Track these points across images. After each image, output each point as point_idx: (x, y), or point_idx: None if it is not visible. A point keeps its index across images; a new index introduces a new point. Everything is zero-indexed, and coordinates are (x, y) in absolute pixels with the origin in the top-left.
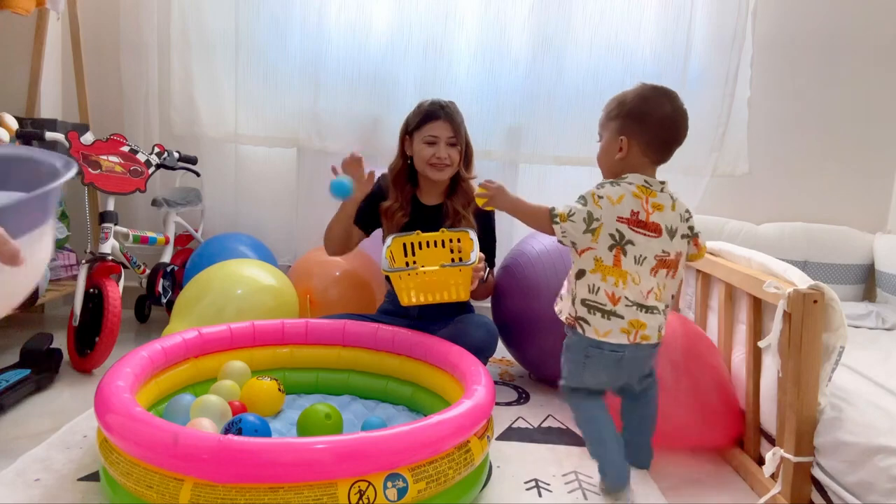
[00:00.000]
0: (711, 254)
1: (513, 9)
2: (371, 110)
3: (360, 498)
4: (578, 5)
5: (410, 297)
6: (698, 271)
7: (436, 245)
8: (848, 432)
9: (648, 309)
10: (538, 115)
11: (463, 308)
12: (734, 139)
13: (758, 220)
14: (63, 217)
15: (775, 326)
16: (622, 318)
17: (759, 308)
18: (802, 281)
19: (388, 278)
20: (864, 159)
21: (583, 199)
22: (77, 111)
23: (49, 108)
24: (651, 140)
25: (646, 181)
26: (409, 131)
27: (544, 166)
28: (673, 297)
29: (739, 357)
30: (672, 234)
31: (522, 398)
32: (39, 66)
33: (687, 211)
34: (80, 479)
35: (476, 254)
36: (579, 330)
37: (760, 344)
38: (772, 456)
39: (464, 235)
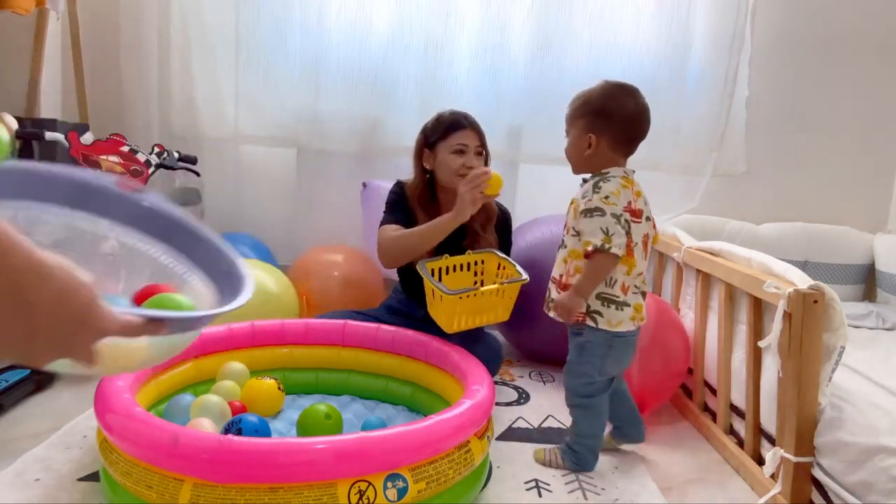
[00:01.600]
0: (711, 254)
1: (513, 8)
2: (371, 110)
3: (360, 498)
4: (578, 5)
5: (460, 322)
6: (698, 271)
7: (461, 269)
8: (848, 432)
9: (643, 293)
10: (538, 115)
11: None
12: (733, 139)
13: (758, 220)
14: None
15: (775, 326)
16: (630, 306)
17: (759, 308)
18: (802, 281)
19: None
20: (864, 159)
21: (599, 211)
22: (77, 111)
23: (49, 108)
24: (618, 136)
25: (625, 172)
26: (428, 144)
27: (544, 166)
28: None
29: (739, 357)
30: (647, 218)
31: (522, 398)
32: (39, 66)
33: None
34: (80, 479)
35: (524, 272)
36: (592, 323)
37: (760, 344)
38: (772, 456)
39: (488, 257)
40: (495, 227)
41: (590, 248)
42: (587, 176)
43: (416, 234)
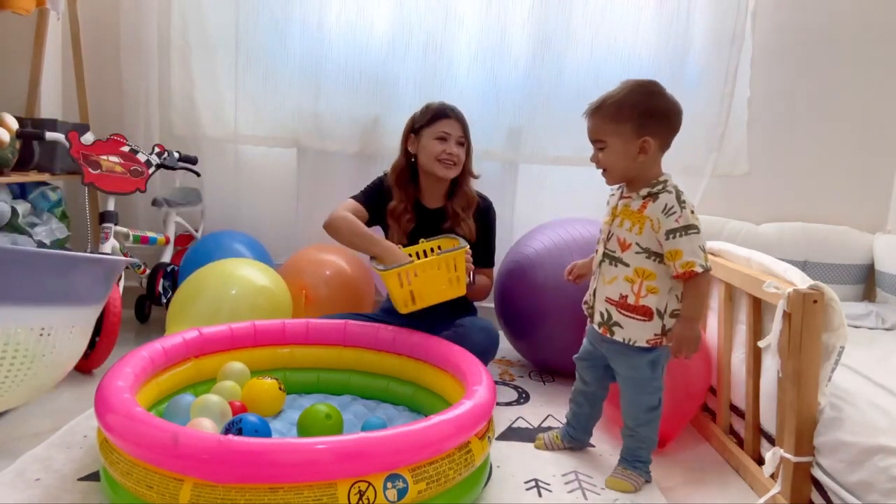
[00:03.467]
0: (711, 254)
1: (513, 9)
2: (371, 110)
3: (360, 498)
4: (578, 6)
5: (410, 300)
6: None
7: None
8: (848, 432)
9: None
10: (538, 116)
11: (466, 310)
12: (734, 139)
13: (758, 220)
14: (63, 217)
15: (775, 326)
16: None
17: (759, 308)
18: (802, 281)
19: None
20: (863, 159)
21: (693, 229)
22: (77, 111)
23: (49, 108)
24: (669, 136)
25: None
26: (414, 129)
27: (544, 166)
28: None
29: (739, 357)
30: None
31: (522, 398)
32: (39, 66)
33: None
34: (81, 479)
35: (465, 243)
36: (661, 344)
37: (760, 344)
38: (772, 456)
39: (459, 255)
40: (473, 215)
41: (697, 269)
42: (634, 188)
43: (356, 232)
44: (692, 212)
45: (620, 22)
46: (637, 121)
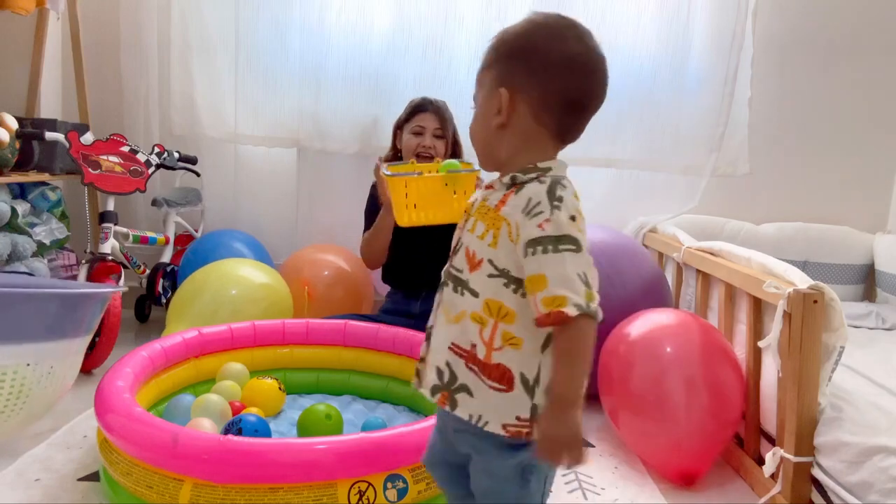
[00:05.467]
0: (711, 254)
1: (513, 9)
2: (371, 110)
3: (360, 498)
4: (579, 5)
5: (411, 216)
6: (698, 271)
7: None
8: (848, 432)
9: None
10: None
11: None
12: (734, 139)
13: (758, 220)
14: (63, 217)
15: (775, 326)
16: None
17: (759, 308)
18: (802, 281)
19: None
20: (864, 159)
21: (572, 244)
22: (77, 111)
23: (49, 108)
24: (548, 96)
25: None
26: (399, 125)
27: None
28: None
29: (739, 357)
30: None
31: None
32: (39, 66)
33: None
34: (80, 479)
35: (478, 166)
36: (529, 436)
37: (760, 344)
38: (772, 456)
39: (469, 177)
40: None
41: (568, 311)
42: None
43: (370, 235)
44: (573, 218)
45: (621, 21)
46: (503, 64)
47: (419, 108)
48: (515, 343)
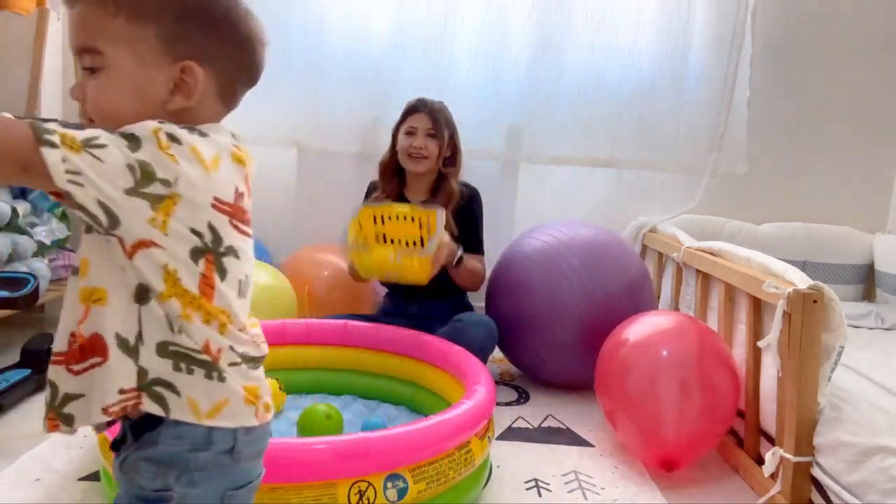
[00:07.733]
0: (711, 254)
1: (513, 8)
2: (371, 110)
3: (360, 498)
4: (579, 5)
5: (370, 271)
6: (698, 271)
7: (405, 219)
8: (847, 432)
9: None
10: (538, 115)
11: (462, 306)
12: (734, 139)
13: (758, 220)
14: (63, 217)
15: (775, 326)
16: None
17: (758, 308)
18: (802, 281)
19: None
20: (864, 159)
21: (130, 135)
22: (77, 111)
23: (49, 108)
24: (230, 65)
25: (233, 135)
26: (396, 128)
27: (544, 166)
28: None
29: (739, 357)
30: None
31: (522, 398)
32: (39, 66)
33: None
34: (81, 479)
35: (434, 243)
36: (159, 408)
37: (760, 344)
38: (771, 456)
39: (433, 215)
40: (458, 205)
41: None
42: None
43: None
44: (156, 131)
45: (621, 21)
46: (176, 26)
47: (412, 108)
48: (100, 299)
